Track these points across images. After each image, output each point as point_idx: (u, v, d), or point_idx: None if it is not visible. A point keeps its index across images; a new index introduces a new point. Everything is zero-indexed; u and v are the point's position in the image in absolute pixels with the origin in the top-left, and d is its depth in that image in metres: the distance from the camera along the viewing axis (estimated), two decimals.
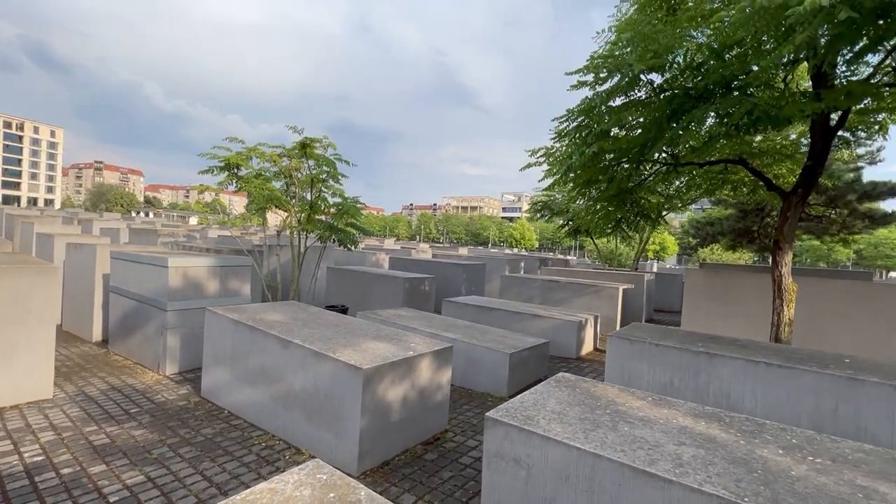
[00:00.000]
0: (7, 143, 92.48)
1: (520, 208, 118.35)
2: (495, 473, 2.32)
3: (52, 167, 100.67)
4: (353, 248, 7.70)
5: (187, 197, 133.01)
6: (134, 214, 63.30)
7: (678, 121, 4.90)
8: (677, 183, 8.26)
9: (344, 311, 7.60)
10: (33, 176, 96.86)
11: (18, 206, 62.84)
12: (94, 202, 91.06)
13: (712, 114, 4.63)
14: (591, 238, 14.77)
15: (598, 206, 7.86)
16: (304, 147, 6.87)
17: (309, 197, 7.48)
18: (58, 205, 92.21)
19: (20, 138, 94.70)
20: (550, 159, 6.84)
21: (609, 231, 8.84)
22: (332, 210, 7.51)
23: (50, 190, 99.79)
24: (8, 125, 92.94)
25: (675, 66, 4.91)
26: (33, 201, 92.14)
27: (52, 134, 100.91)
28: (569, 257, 24.70)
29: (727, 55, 4.35)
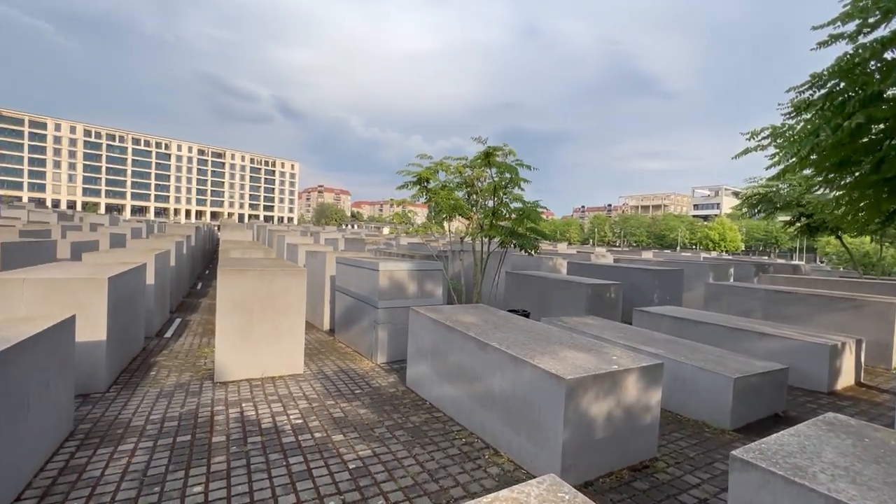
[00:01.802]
0: (267, 177, 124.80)
1: (717, 204, 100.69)
2: None
3: (291, 192, 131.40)
4: (533, 252, 7.64)
5: (381, 210, 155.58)
6: (344, 227, 77.17)
7: None
8: None
9: (526, 315, 7.58)
10: (281, 200, 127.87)
11: (273, 223, 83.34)
12: (318, 218, 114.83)
13: None
14: (839, 237, 11.35)
15: (858, 195, 5.97)
16: (488, 156, 7.13)
17: (491, 204, 7.74)
18: (295, 221, 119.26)
19: (273, 172, 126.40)
20: (780, 140, 5.52)
21: (874, 227, 6.61)
22: (514, 215, 7.59)
23: (291, 210, 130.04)
24: (268, 163, 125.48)
25: None
26: (280, 219, 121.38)
27: (292, 167, 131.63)
28: (797, 262, 19.71)
29: None
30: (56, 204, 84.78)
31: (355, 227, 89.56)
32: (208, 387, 4.60)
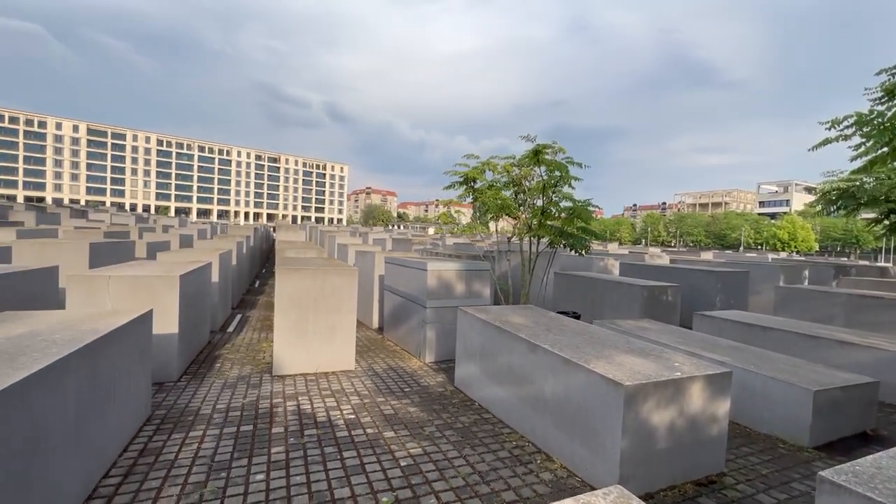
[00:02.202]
0: (317, 179, 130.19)
1: (786, 201, 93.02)
2: None
3: (341, 194, 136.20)
4: (584, 252, 7.40)
5: (426, 211, 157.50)
6: (391, 227, 78.86)
7: None
8: None
9: (576, 317, 7.35)
10: (331, 202, 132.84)
11: (324, 224, 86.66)
12: (365, 219, 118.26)
13: None
14: None
15: None
16: (537, 154, 6.99)
17: (539, 203, 7.57)
18: (344, 222, 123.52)
19: (324, 175, 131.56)
20: (867, 129, 5.00)
21: None
22: (563, 215, 7.39)
23: (340, 211, 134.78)
24: (318, 166, 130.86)
25: None
26: (330, 220, 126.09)
27: (342, 170, 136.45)
28: (884, 264, 17.79)
29: None
30: (133, 207, 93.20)
31: (401, 227, 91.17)
32: (267, 380, 4.84)
